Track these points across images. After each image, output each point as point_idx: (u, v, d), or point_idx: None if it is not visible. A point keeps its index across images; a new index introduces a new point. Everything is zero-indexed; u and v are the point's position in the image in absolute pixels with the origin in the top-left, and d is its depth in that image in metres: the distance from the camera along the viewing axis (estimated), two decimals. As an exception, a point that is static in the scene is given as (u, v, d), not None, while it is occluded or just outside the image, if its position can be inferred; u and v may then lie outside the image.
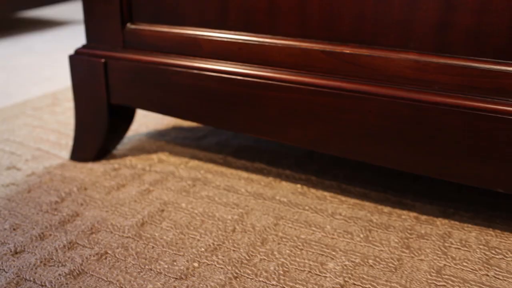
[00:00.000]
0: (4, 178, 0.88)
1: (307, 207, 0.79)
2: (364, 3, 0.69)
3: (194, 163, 0.93)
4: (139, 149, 0.99)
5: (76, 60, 0.90)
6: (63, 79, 1.47)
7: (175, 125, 1.11)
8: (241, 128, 0.81)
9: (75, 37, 2.02)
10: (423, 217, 0.77)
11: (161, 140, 1.03)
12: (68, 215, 0.76)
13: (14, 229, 0.73)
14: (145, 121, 1.13)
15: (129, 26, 0.86)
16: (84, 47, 0.91)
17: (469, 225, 0.75)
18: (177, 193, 0.82)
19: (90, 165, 0.92)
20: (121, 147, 1.00)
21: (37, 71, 1.55)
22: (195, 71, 0.81)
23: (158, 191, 0.83)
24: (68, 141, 1.03)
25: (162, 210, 0.78)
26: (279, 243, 0.71)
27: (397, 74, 0.70)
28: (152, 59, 0.84)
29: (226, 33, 0.79)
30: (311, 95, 0.74)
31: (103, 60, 0.88)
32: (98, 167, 0.91)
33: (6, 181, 0.86)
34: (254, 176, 0.88)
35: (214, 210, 0.78)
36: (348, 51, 0.72)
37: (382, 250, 0.69)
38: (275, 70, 0.76)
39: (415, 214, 0.78)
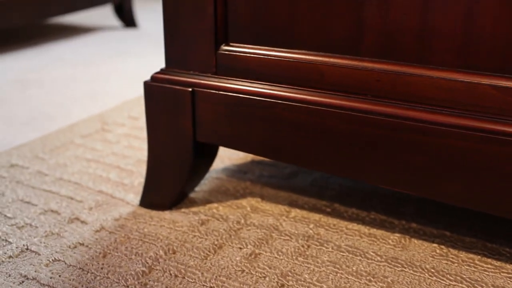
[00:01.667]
0: (69, 235, 0.71)
1: (458, 278, 0.63)
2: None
3: (296, 212, 0.76)
4: (222, 192, 0.82)
5: (154, 88, 0.74)
6: (103, 96, 1.30)
7: (254, 158, 0.94)
8: (373, 179, 0.64)
9: (105, 45, 1.85)
10: None
11: (244, 180, 0.86)
12: (164, 294, 0.60)
13: (100, 317, 0.57)
14: (218, 154, 0.96)
15: (224, 48, 0.70)
16: (163, 72, 0.74)
17: None
18: (291, 258, 0.66)
19: (168, 215, 0.76)
20: (199, 188, 0.84)
21: (74, 86, 1.38)
22: (315, 107, 0.64)
23: (266, 256, 0.67)
24: (132, 180, 0.86)
25: (282, 286, 0.61)
26: (448, 337, 0.54)
27: None
28: (256, 90, 0.68)
29: (359, 61, 0.62)
30: (477, 143, 0.57)
31: (190, 89, 0.71)
32: (181, 219, 0.75)
33: (72, 240, 0.70)
34: (376, 232, 0.72)
35: (346, 284, 0.62)
36: (531, 87, 0.55)
37: None
38: (426, 109, 0.60)
39: None
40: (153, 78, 0.74)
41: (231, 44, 0.69)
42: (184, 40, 0.71)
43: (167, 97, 0.73)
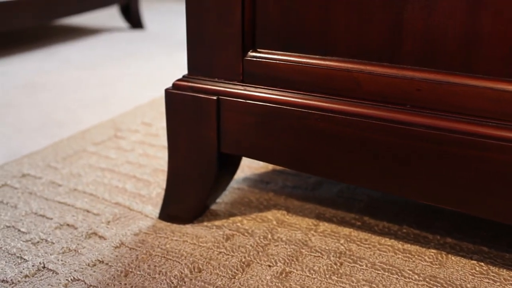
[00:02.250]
0: (87, 252, 0.68)
1: (503, 299, 0.60)
2: None
3: (325, 226, 0.73)
4: (245, 204, 0.79)
5: (176, 96, 0.70)
6: (114, 100, 1.26)
7: (275, 167, 0.91)
8: (412, 194, 0.61)
9: (112, 47, 1.81)
10: None
11: (267, 191, 0.83)
12: (192, 318, 0.56)
13: None
14: (236, 161, 0.92)
15: (251, 54, 0.66)
16: (185, 79, 0.70)
17: None
18: (324, 277, 0.62)
19: (190, 229, 0.72)
20: (220, 199, 0.80)
21: (83, 90, 1.34)
22: (351, 117, 0.61)
23: (298, 274, 0.63)
24: (149, 191, 0.83)
25: (318, 308, 0.58)
26: None
27: None
28: (287, 99, 0.64)
29: (398, 69, 0.59)
30: (527, 155, 0.54)
31: (215, 98, 0.67)
32: (204, 233, 0.71)
33: (91, 258, 0.66)
34: (411, 247, 0.68)
35: (386, 307, 0.58)
36: None
37: None
38: (471, 121, 0.56)
39: None
40: (174, 85, 0.71)
41: (259, 50, 0.66)
42: (209, 45, 0.67)
43: (190, 105, 0.69)
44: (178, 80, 0.71)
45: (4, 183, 0.84)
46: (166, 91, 0.71)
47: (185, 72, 0.72)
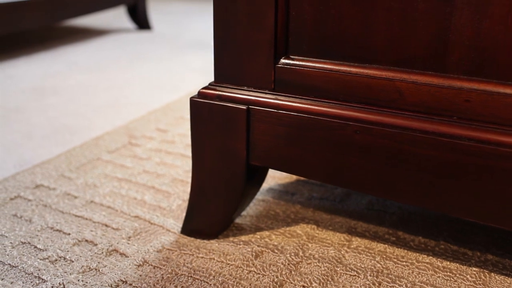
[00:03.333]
0: (108, 271, 0.64)
1: (555, 323, 0.56)
2: None
3: (358, 242, 0.69)
4: (272, 217, 0.75)
5: (202, 105, 0.66)
6: (126, 105, 1.22)
7: (300, 177, 0.87)
8: (458, 212, 0.57)
9: (120, 49, 1.77)
10: None
11: (294, 202, 0.79)
12: None
13: None
14: (257, 170, 0.89)
15: (284, 61, 0.62)
16: (212, 87, 0.66)
17: None
18: (364, 300, 0.59)
19: (216, 245, 0.69)
20: (244, 212, 0.76)
21: (93, 94, 1.30)
22: (392, 130, 0.57)
23: (335, 296, 0.60)
24: (170, 202, 0.79)
25: (360, 335, 0.54)
26: None
27: None
28: (322, 109, 0.60)
29: (444, 78, 0.55)
30: None
31: (244, 107, 0.64)
32: (231, 250, 0.67)
33: (113, 278, 0.62)
34: (451, 265, 0.64)
35: (433, 333, 0.54)
36: None
37: None
38: (525, 133, 0.52)
39: None
40: (200, 94, 0.67)
41: (292, 57, 0.62)
42: (238, 51, 0.64)
43: (217, 115, 0.65)
44: (204, 88, 0.67)
45: (17, 195, 0.81)
46: (192, 99, 0.67)
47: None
